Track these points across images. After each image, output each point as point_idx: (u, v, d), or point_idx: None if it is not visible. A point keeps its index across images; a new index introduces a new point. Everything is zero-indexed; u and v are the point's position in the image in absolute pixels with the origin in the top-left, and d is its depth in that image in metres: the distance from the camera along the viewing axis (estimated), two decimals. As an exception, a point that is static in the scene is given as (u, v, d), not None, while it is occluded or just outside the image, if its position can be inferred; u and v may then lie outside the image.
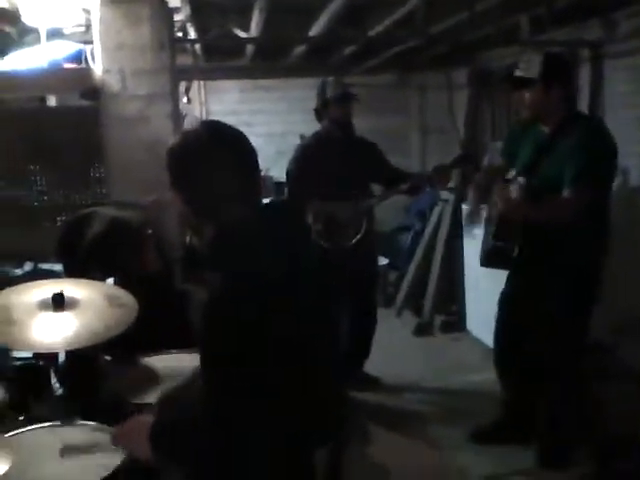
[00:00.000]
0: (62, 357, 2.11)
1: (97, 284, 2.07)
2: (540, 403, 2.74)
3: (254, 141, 1.49)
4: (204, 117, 5.93)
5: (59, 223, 2.91)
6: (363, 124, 6.04)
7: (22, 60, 3.68)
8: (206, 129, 1.37)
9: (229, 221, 1.31)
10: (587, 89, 3.89)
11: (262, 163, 4.74)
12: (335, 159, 3.25)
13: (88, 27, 3.18)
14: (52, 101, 3.81)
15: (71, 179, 2.95)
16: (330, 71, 5.79)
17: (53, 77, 2.85)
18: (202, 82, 5.87)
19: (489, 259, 2.64)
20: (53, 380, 2.06)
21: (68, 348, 1.89)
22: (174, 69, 2.89)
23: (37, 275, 2.74)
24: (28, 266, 3.19)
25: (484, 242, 2.69)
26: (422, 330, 4.36)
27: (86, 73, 2.83)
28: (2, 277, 3.12)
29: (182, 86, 5.88)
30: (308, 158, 3.33)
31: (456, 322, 4.35)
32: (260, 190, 1.40)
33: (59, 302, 1.84)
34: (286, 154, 5.98)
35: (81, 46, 3.26)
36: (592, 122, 2.74)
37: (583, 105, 3.84)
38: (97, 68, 2.80)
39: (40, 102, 3.83)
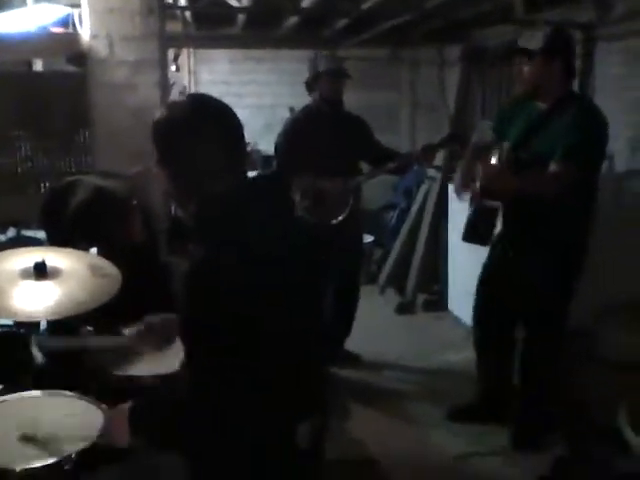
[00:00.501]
0: (43, 325, 2.09)
1: (80, 253, 2.04)
2: (516, 383, 2.79)
3: (242, 113, 1.46)
4: (193, 86, 5.84)
5: (43, 190, 2.87)
6: (354, 98, 5.96)
7: (8, 23, 3.59)
8: (191, 102, 1.34)
9: (213, 193, 1.31)
10: (577, 71, 3.86)
11: (250, 136, 4.71)
12: (324, 134, 3.22)
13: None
14: (38, 66, 3.72)
15: (57, 146, 2.89)
16: (322, 44, 5.73)
17: (39, 41, 2.79)
18: (192, 50, 5.77)
19: (469, 234, 2.65)
20: (34, 349, 2.05)
21: (50, 317, 1.88)
22: (163, 36, 2.83)
23: (20, 242, 2.70)
24: (11, 232, 3.15)
25: (467, 218, 2.70)
26: (404, 308, 4.39)
27: (73, 38, 2.77)
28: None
29: (171, 54, 5.79)
30: (297, 132, 3.29)
31: (438, 301, 4.38)
32: (245, 164, 1.39)
33: (41, 270, 1.83)
34: (275, 127, 5.93)
35: (69, 10, 3.18)
36: (587, 102, 2.74)
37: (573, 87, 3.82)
38: (85, 33, 2.73)
39: (27, 67, 3.74)
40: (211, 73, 5.84)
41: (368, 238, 5.06)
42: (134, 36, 2.69)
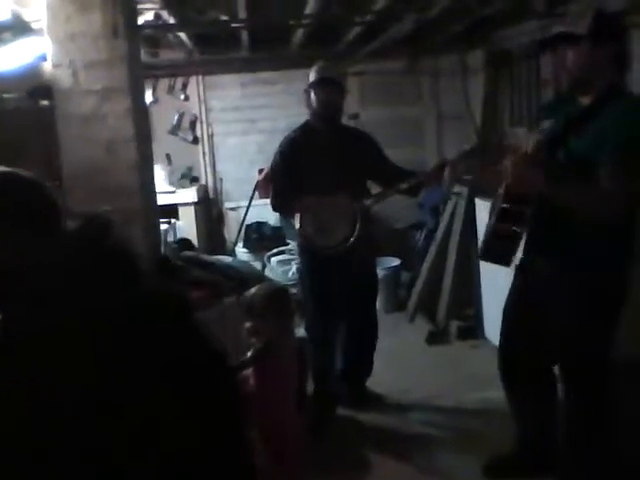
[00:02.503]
0: None
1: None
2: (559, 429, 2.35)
3: (257, 138, 1.15)
4: (204, 114, 5.63)
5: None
6: (375, 113, 5.72)
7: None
8: None
9: None
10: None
11: (267, 161, 4.40)
12: (322, 152, 2.90)
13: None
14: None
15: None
16: (335, 59, 5.44)
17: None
18: (200, 77, 5.56)
19: (487, 251, 2.25)
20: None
21: None
22: (134, 60, 2.57)
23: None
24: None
25: (485, 231, 2.30)
26: (436, 338, 3.97)
27: (34, 70, 2.54)
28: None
29: (179, 83, 5.60)
30: (292, 151, 2.97)
31: (474, 328, 3.95)
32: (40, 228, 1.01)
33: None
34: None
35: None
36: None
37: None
38: (48, 63, 2.50)
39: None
40: (222, 100, 5.61)
41: (394, 262, 4.70)
42: (99, 62, 2.43)
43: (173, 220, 4.45)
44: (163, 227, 3.78)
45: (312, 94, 2.95)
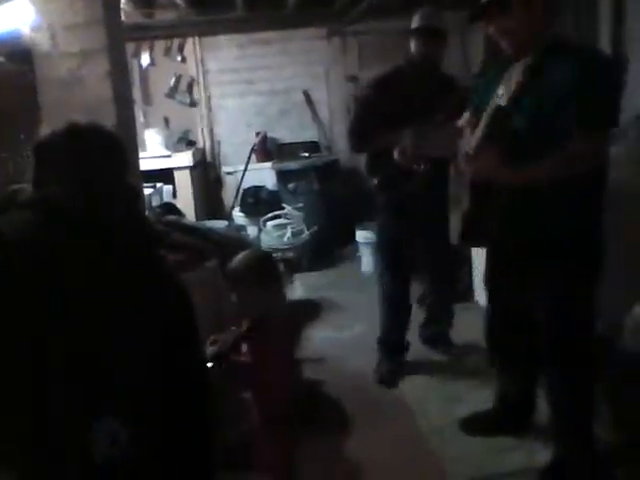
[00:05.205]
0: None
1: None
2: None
3: (255, 100, 1.19)
4: (201, 76, 5.59)
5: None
6: (374, 74, 5.64)
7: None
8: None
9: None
10: (608, 23, 3.37)
11: (264, 123, 4.41)
12: (407, 102, 2.76)
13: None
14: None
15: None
16: (334, 18, 5.37)
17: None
18: (197, 39, 5.51)
19: (464, 236, 2.23)
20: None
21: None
22: (113, 21, 2.56)
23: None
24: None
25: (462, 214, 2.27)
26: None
27: (16, 34, 2.54)
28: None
29: (176, 44, 5.55)
30: (379, 92, 2.86)
31: (464, 291, 3.96)
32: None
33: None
34: (290, 113, 5.65)
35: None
36: (589, 50, 2.28)
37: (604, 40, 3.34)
38: (26, 26, 2.49)
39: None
40: (218, 61, 5.56)
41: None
42: (77, 24, 2.42)
43: (159, 184, 4.45)
44: (148, 191, 3.79)
45: (411, 40, 2.84)
